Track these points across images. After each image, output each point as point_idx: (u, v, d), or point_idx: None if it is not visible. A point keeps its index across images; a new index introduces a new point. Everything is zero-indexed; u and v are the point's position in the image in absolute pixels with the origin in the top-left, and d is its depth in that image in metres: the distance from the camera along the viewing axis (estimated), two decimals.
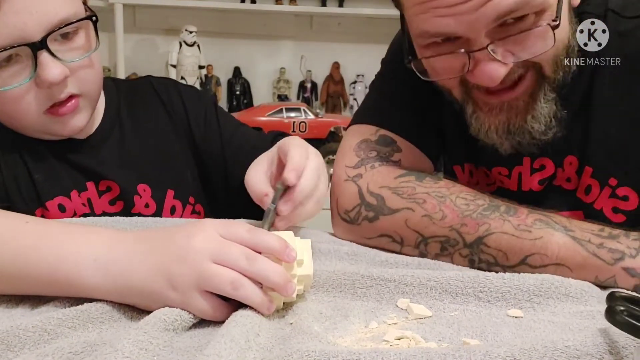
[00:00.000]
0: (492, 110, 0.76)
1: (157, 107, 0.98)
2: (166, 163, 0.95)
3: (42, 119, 0.81)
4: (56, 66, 0.76)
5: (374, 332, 0.55)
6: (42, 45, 0.75)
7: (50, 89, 0.78)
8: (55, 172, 0.86)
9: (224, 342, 0.47)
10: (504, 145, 0.79)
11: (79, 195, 0.87)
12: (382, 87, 0.93)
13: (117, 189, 0.89)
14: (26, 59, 0.76)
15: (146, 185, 0.92)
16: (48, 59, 0.76)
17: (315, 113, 2.75)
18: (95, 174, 0.88)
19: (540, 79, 0.74)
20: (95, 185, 0.88)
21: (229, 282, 0.54)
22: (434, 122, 0.90)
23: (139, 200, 0.90)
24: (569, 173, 0.83)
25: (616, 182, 0.79)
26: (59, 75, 0.76)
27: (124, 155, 0.92)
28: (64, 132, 0.84)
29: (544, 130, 0.77)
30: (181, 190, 0.95)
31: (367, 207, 0.79)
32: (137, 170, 0.92)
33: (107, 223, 0.78)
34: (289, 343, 0.51)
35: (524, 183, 0.86)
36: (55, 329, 0.52)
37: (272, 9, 2.88)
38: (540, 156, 0.83)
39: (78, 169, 0.88)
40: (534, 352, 0.46)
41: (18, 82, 0.76)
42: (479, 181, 0.91)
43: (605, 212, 0.81)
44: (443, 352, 0.47)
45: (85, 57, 0.81)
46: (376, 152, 0.84)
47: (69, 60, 0.78)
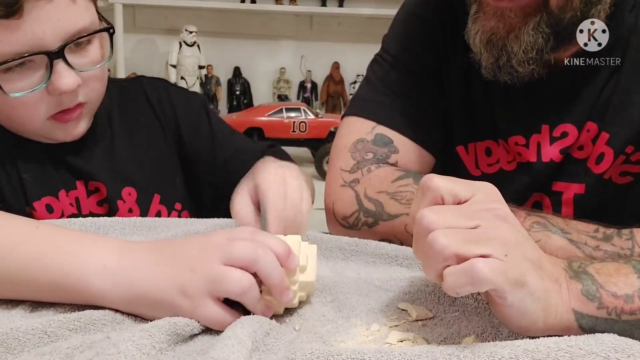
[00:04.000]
0: (488, 14, 0.75)
1: (147, 111, 0.98)
2: (154, 167, 0.95)
3: (46, 124, 0.82)
4: (70, 75, 0.77)
5: (375, 335, 0.55)
6: (59, 54, 0.76)
7: (61, 96, 0.79)
8: (45, 171, 0.86)
9: (231, 345, 0.47)
10: (484, 59, 0.77)
11: (67, 194, 0.87)
12: (382, 74, 0.91)
13: (104, 191, 0.89)
14: (40, 65, 0.77)
15: (132, 188, 0.92)
16: (63, 68, 0.77)
17: (315, 113, 2.75)
18: (85, 173, 0.88)
19: (542, 5, 0.72)
20: (85, 185, 0.89)
21: (238, 282, 0.53)
22: (437, 108, 0.88)
23: (122, 205, 0.90)
24: (584, 140, 0.81)
25: (632, 149, 0.78)
26: (72, 84, 0.77)
27: (112, 158, 0.92)
28: (65, 138, 0.85)
29: (521, 59, 0.75)
30: (168, 195, 0.95)
31: (365, 213, 0.79)
32: (124, 173, 0.92)
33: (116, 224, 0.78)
34: (294, 344, 0.51)
35: (544, 154, 0.83)
36: (55, 331, 0.52)
37: (272, 9, 2.89)
38: (562, 122, 0.82)
39: (68, 168, 0.88)
40: (537, 352, 0.46)
41: (30, 88, 0.77)
42: (500, 159, 0.88)
43: (613, 179, 0.80)
44: (448, 352, 0.47)
45: (98, 67, 0.82)
46: (372, 154, 0.83)
47: (83, 69, 0.79)
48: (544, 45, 0.74)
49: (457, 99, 0.88)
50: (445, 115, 0.89)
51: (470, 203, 0.51)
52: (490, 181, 0.54)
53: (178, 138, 0.98)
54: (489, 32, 0.75)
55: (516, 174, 0.85)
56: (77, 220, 0.79)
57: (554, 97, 0.81)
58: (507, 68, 0.76)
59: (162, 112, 0.98)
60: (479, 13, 0.76)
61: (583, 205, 0.82)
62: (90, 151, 0.90)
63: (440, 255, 0.48)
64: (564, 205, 0.83)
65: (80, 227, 0.76)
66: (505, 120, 0.83)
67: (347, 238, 0.76)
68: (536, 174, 0.83)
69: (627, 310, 0.51)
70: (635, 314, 0.51)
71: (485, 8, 0.75)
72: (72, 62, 0.78)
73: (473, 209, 0.51)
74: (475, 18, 0.76)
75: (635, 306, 0.51)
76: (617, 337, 0.48)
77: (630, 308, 0.51)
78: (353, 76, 3.07)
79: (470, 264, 0.47)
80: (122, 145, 0.94)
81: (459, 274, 0.47)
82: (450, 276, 0.48)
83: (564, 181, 0.79)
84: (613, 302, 0.51)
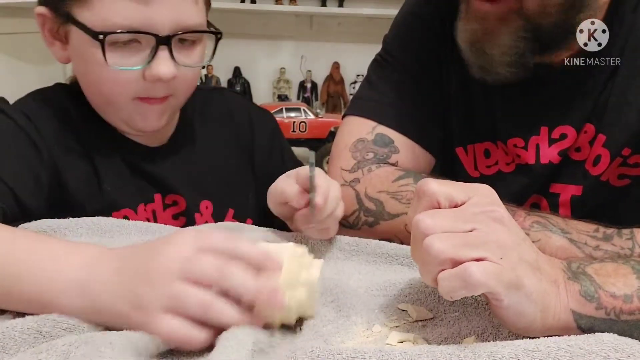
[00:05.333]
0: (470, 16, 0.76)
1: (228, 125, 0.98)
2: (230, 181, 0.94)
3: (130, 105, 0.81)
4: (170, 65, 0.78)
5: (375, 335, 0.55)
6: (167, 41, 0.77)
7: (154, 84, 0.79)
8: (125, 182, 0.85)
9: (231, 346, 0.47)
10: (471, 60, 0.78)
11: (145, 208, 0.86)
12: (383, 74, 0.91)
13: (183, 204, 0.88)
14: (145, 47, 0.78)
15: (209, 202, 0.91)
16: (166, 56, 0.78)
17: (315, 113, 2.75)
18: (164, 186, 0.88)
19: (519, 9, 0.73)
20: (162, 198, 0.88)
21: (197, 303, 0.49)
22: (437, 108, 0.89)
23: (199, 218, 0.89)
24: (582, 142, 0.81)
25: (629, 152, 0.78)
26: (169, 73, 0.78)
27: (192, 169, 0.91)
28: (144, 127, 0.84)
29: (499, 61, 0.75)
30: (241, 210, 0.94)
31: (366, 213, 0.79)
32: (203, 185, 0.91)
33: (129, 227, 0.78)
34: (294, 344, 0.51)
35: (543, 155, 0.84)
36: (50, 331, 0.52)
37: (272, 9, 2.89)
38: (561, 124, 0.82)
39: (147, 179, 0.87)
40: (537, 352, 0.46)
41: (131, 66, 0.78)
42: (498, 160, 0.88)
43: (610, 181, 0.80)
44: (448, 352, 0.47)
45: (196, 66, 0.83)
46: (373, 154, 0.83)
47: (182, 64, 0.80)
48: (525, 49, 0.75)
49: (456, 100, 0.88)
50: (444, 116, 0.89)
51: (466, 206, 0.51)
52: (489, 183, 0.54)
53: (252, 159, 0.98)
54: (470, 33, 0.76)
55: (514, 175, 0.86)
56: (82, 220, 0.78)
57: (553, 98, 0.81)
58: (488, 69, 0.77)
59: (241, 130, 0.98)
60: (464, 13, 0.77)
61: (580, 207, 0.82)
62: (170, 160, 0.89)
63: (435, 260, 0.48)
64: (561, 207, 0.83)
65: (88, 230, 0.76)
66: (504, 122, 0.83)
67: (348, 237, 0.76)
68: (534, 175, 0.83)
69: (626, 310, 0.51)
70: (634, 314, 0.51)
71: (470, 10, 0.76)
72: (175, 55, 0.79)
73: (469, 212, 0.51)
74: (461, 18, 0.77)
75: (634, 306, 0.51)
76: (616, 337, 0.49)
77: (629, 308, 0.51)
78: (353, 76, 3.07)
79: (464, 268, 0.47)
80: (201, 154, 0.93)
81: (453, 278, 0.47)
82: (444, 280, 0.48)
83: (562, 183, 0.79)
84: (612, 302, 0.51)
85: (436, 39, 0.88)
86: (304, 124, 2.66)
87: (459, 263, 0.47)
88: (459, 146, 0.90)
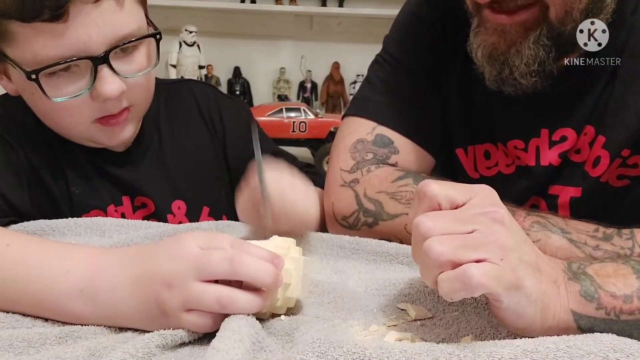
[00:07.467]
0: (489, 30, 0.75)
1: (196, 118, 0.95)
2: (203, 178, 0.93)
3: (91, 128, 0.80)
4: (114, 81, 0.76)
5: (373, 335, 0.55)
6: (104, 59, 0.75)
7: (105, 102, 0.78)
8: (94, 185, 0.85)
9: (227, 337, 0.47)
10: (487, 72, 0.78)
11: (116, 209, 0.86)
12: (383, 74, 0.91)
13: (152, 206, 0.88)
14: (85, 71, 0.76)
15: (182, 201, 0.90)
16: (108, 74, 0.75)
17: (315, 113, 2.76)
18: (132, 188, 0.87)
19: (541, 19, 0.73)
20: (131, 200, 0.87)
21: (216, 301, 0.51)
22: (437, 109, 0.89)
23: (172, 219, 0.88)
24: (582, 144, 0.82)
25: (629, 153, 0.78)
26: (116, 90, 0.76)
27: (161, 169, 0.90)
28: (111, 142, 0.83)
29: (523, 72, 0.75)
30: (216, 207, 0.93)
31: (365, 213, 0.79)
32: (174, 185, 0.90)
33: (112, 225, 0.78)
34: (293, 336, 0.51)
35: (543, 157, 0.83)
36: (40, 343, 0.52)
37: (272, 9, 2.89)
38: (561, 127, 0.82)
39: (115, 182, 0.86)
40: (536, 353, 0.46)
41: (74, 93, 0.76)
42: (498, 162, 0.88)
43: (610, 182, 0.80)
44: (448, 350, 0.47)
45: (143, 73, 0.80)
46: (372, 155, 0.83)
47: (128, 75, 0.78)
48: (545, 57, 0.74)
49: (456, 101, 0.88)
50: (444, 117, 0.89)
51: (466, 207, 0.51)
52: (489, 184, 0.54)
53: (224, 149, 0.96)
54: (490, 47, 0.76)
55: (514, 177, 0.86)
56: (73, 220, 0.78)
57: (554, 101, 0.81)
58: (510, 80, 0.77)
59: (210, 121, 0.96)
60: (480, 27, 0.76)
61: (579, 209, 0.82)
62: (137, 163, 0.88)
63: (435, 262, 0.48)
64: (559, 208, 0.83)
65: (86, 228, 0.76)
66: (504, 124, 0.83)
67: (348, 237, 0.77)
68: (534, 177, 0.83)
69: (626, 310, 0.51)
70: (634, 314, 0.51)
71: (486, 24, 0.75)
72: (117, 68, 0.76)
73: (469, 213, 0.51)
74: (477, 32, 0.77)
75: (634, 306, 0.51)
76: (615, 337, 0.49)
77: (629, 308, 0.51)
78: (353, 76, 3.07)
79: (463, 270, 0.47)
80: (170, 153, 0.91)
81: (452, 280, 0.47)
82: (444, 282, 0.48)
83: (561, 184, 0.79)
84: (612, 302, 0.51)
85: (436, 40, 0.88)
86: (304, 124, 2.66)
87: (459, 265, 0.47)
88: (459, 147, 0.90)
